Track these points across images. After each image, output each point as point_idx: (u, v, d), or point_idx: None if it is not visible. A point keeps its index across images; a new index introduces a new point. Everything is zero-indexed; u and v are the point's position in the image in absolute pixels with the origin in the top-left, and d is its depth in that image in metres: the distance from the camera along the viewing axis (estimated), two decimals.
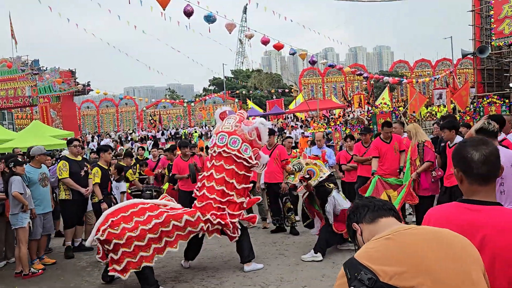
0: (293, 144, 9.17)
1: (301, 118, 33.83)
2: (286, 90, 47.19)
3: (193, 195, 5.96)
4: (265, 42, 14.41)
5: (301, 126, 24.49)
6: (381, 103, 23.85)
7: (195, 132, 34.10)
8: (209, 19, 11.80)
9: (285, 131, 20.65)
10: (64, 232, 7.04)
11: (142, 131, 37.65)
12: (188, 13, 11.21)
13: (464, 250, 1.37)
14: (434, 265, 1.31)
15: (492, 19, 15.56)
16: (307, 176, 6.10)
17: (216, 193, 5.40)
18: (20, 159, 6.45)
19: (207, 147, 11.94)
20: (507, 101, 14.17)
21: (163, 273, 5.68)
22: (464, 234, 1.44)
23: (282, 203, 7.51)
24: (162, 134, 33.01)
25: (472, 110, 14.38)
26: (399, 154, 6.83)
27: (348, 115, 25.88)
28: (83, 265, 6.35)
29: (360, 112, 25.08)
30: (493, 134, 3.83)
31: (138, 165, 9.67)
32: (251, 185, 6.08)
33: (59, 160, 7.29)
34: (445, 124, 5.55)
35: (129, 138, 28.04)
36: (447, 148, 5.64)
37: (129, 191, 8.19)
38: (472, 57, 18.72)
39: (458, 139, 5.43)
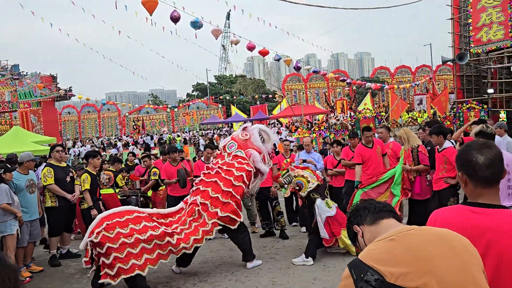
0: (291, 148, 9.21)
1: (285, 123, 34.04)
2: (270, 96, 47.40)
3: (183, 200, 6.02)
4: (250, 48, 14.51)
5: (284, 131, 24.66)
6: (364, 108, 24.23)
7: (178, 136, 33.94)
8: (196, 25, 11.84)
9: (280, 136, 20.78)
10: (49, 240, 6.93)
11: (126, 136, 37.22)
12: (175, 19, 11.23)
13: (465, 250, 1.41)
14: (438, 265, 1.34)
15: (471, 27, 16.04)
16: (297, 187, 6.26)
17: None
18: (9, 166, 6.35)
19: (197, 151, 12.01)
20: (485, 106, 14.62)
21: (154, 278, 5.66)
22: (469, 237, 1.47)
23: (272, 207, 7.58)
24: (152, 138, 32.70)
25: (452, 115, 14.78)
26: (382, 158, 6.99)
27: (331, 121, 26.20)
28: (71, 272, 6.27)
29: (343, 118, 25.44)
30: (491, 137, 3.99)
31: (124, 171, 9.61)
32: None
33: (43, 167, 7.19)
34: (433, 130, 5.71)
35: (113, 144, 27.67)
36: (436, 152, 5.79)
37: (119, 196, 8.14)
38: (451, 63, 19.23)
39: (447, 143, 5.61)
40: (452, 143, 5.99)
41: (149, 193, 8.96)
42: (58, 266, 6.53)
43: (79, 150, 26.16)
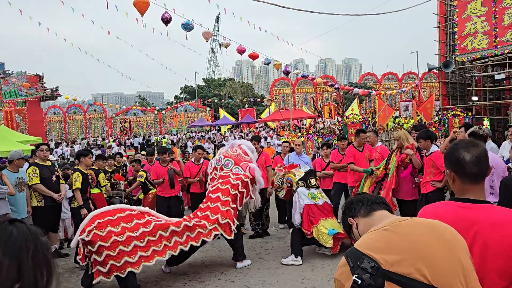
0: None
1: (273, 127, 34.19)
2: (258, 100, 47.55)
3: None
4: (240, 51, 14.59)
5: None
6: (351, 113, 24.50)
7: (164, 138, 33.85)
8: (187, 27, 11.88)
9: (270, 140, 20.90)
10: None
11: (112, 138, 36.87)
12: (166, 21, 11.26)
13: (453, 238, 1.49)
14: (429, 252, 1.42)
15: (456, 36, 16.39)
16: (289, 185, 6.48)
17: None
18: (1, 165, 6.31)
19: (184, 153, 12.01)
20: (470, 113, 14.97)
21: (144, 278, 5.66)
22: (457, 230, 1.56)
23: (264, 208, 7.68)
24: (144, 139, 32.45)
25: (437, 121, 15.08)
26: (368, 163, 7.14)
27: (318, 125, 26.43)
28: (60, 271, 6.23)
29: (331, 122, 25.70)
30: (482, 138, 4.14)
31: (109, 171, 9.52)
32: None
33: (27, 167, 7.12)
34: (421, 134, 5.86)
35: (100, 145, 27.37)
36: (424, 157, 5.93)
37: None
38: (437, 71, 19.60)
39: (434, 148, 5.75)
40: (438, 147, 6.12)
41: (141, 196, 8.94)
42: None
43: (62, 151, 25.82)
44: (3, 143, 13.54)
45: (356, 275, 1.41)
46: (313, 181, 6.40)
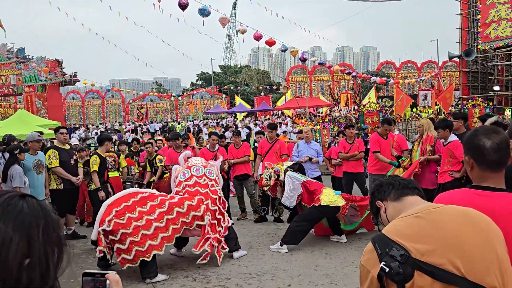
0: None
1: (289, 115, 34.06)
2: (274, 87, 47.33)
3: None
4: (257, 37, 14.48)
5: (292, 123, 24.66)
6: (368, 102, 24.20)
7: (178, 124, 34.12)
8: (204, 12, 11.83)
9: (285, 128, 20.78)
10: None
11: (129, 123, 37.32)
12: (183, 6, 11.22)
13: (488, 227, 1.42)
14: (463, 241, 1.36)
15: (479, 23, 15.94)
16: (276, 176, 6.50)
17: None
18: (23, 146, 6.44)
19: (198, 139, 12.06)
20: (490, 103, 14.62)
21: (159, 261, 5.75)
22: None
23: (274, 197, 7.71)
24: (166, 125, 32.72)
25: (457, 111, 14.78)
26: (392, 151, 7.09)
27: (334, 114, 26.18)
28: (77, 252, 6.38)
29: (347, 111, 25.42)
30: (505, 128, 4.07)
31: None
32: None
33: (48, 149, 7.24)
34: (439, 124, 5.77)
35: (116, 130, 27.76)
36: (441, 146, 5.84)
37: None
38: (458, 60, 19.16)
39: (452, 137, 5.65)
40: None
41: (151, 179, 8.99)
42: None
43: (79, 136, 26.25)
44: (24, 126, 13.84)
45: (384, 263, 1.36)
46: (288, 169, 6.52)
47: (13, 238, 0.78)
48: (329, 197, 6.00)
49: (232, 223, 7.61)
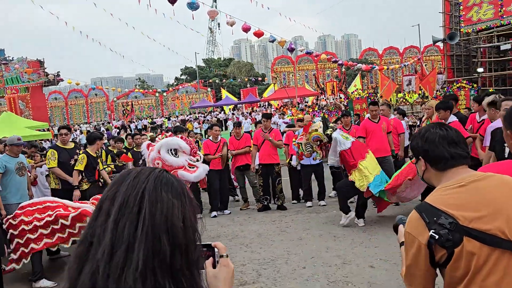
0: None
1: (275, 106, 34.19)
2: (259, 79, 47.40)
3: None
4: (246, 29, 14.53)
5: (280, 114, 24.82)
6: (357, 89, 24.48)
7: (167, 119, 34.06)
8: (193, 6, 11.83)
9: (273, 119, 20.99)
10: None
11: (115, 121, 36.98)
12: (172, 0, 11.20)
13: None
14: (508, 208, 1.45)
15: (461, 7, 16.28)
16: (318, 142, 6.57)
17: None
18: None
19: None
20: (475, 85, 15.00)
21: None
22: None
23: (276, 183, 7.86)
24: (152, 123, 32.52)
25: (442, 95, 15.10)
26: (386, 135, 7.22)
27: (321, 103, 26.38)
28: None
29: (334, 99, 25.66)
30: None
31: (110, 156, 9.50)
32: None
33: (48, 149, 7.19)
34: (440, 105, 5.95)
35: (106, 128, 27.56)
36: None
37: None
38: (441, 44, 19.50)
39: (452, 118, 5.85)
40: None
41: None
42: None
43: (75, 136, 25.98)
44: (11, 128, 13.65)
45: (433, 230, 1.44)
46: (332, 125, 6.65)
47: (175, 204, 0.92)
48: (358, 177, 6.03)
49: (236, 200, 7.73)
